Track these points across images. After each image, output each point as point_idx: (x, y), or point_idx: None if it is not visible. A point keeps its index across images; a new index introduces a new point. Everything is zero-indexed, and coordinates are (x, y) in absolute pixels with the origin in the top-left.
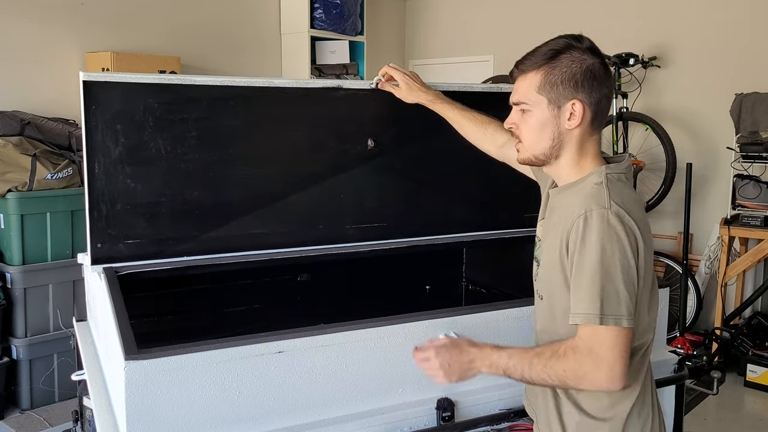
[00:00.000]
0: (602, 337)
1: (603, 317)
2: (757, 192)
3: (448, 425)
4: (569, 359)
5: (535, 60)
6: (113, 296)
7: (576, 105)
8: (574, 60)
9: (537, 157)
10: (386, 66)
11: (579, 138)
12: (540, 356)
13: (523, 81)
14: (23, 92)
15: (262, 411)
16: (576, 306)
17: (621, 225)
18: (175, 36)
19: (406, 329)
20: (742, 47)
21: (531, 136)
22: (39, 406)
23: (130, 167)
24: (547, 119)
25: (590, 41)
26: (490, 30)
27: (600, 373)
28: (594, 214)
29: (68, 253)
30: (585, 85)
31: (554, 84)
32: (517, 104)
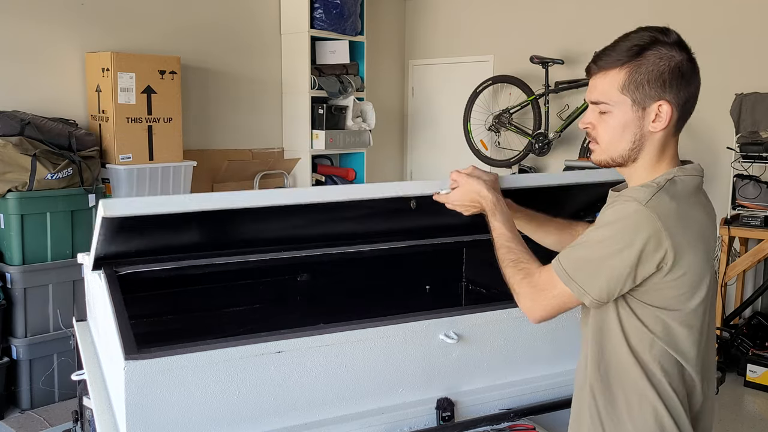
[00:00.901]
0: (553, 286)
1: (570, 281)
2: (757, 192)
3: (448, 425)
4: (519, 275)
5: (618, 56)
6: (113, 296)
7: (663, 106)
8: (661, 57)
9: (614, 159)
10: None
11: (661, 140)
12: (508, 251)
13: (604, 78)
14: (23, 92)
15: (262, 411)
16: (563, 255)
17: (647, 224)
18: (175, 36)
19: (406, 329)
20: (742, 47)
21: (610, 138)
22: (39, 406)
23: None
24: (630, 121)
25: (677, 34)
26: (490, 30)
27: (525, 302)
28: (629, 203)
29: (68, 253)
30: (673, 84)
31: (640, 84)
32: (595, 103)
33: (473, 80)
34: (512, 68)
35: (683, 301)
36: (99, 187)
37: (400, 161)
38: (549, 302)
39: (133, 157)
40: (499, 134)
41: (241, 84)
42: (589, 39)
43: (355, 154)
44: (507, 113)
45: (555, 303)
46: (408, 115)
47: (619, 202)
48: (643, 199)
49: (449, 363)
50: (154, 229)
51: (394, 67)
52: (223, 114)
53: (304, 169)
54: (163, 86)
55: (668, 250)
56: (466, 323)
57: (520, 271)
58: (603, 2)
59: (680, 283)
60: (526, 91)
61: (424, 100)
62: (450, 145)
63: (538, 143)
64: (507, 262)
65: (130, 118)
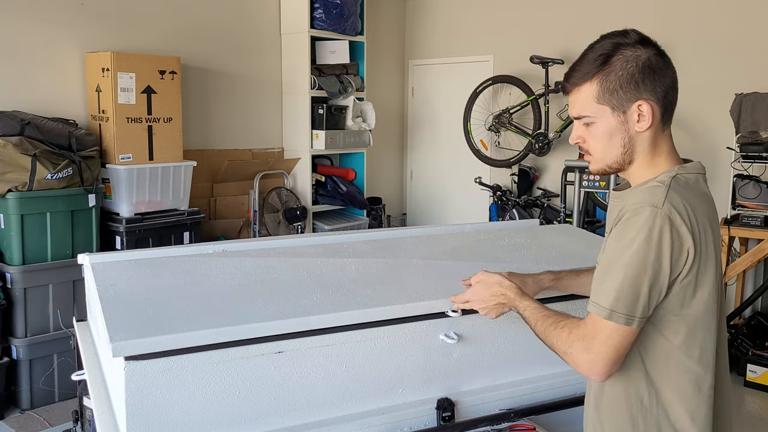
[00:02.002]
0: (600, 329)
1: (612, 314)
2: (757, 192)
3: (448, 425)
4: (564, 333)
5: (586, 69)
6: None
7: (642, 106)
8: (627, 59)
9: (610, 166)
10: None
11: (651, 138)
12: (545, 319)
13: (579, 94)
14: (23, 92)
15: (262, 411)
16: (594, 295)
17: (668, 227)
18: (175, 36)
19: (407, 329)
20: (742, 47)
21: (600, 147)
22: (39, 406)
23: None
24: (615, 127)
25: (637, 32)
26: (490, 30)
27: (582, 359)
28: (645, 210)
29: (68, 253)
30: (646, 81)
31: (613, 90)
32: (578, 118)
33: (473, 80)
34: (512, 68)
35: (700, 300)
36: (99, 187)
37: (400, 161)
38: (605, 347)
39: (133, 157)
40: (499, 134)
41: (242, 84)
42: (589, 39)
43: (355, 154)
44: (507, 113)
45: (611, 344)
46: (408, 115)
47: (634, 214)
48: (658, 203)
49: (449, 363)
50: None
51: (394, 67)
52: (223, 114)
53: (304, 169)
54: (163, 86)
55: (689, 250)
56: (466, 323)
57: (563, 329)
58: (603, 2)
59: (697, 280)
60: (526, 91)
61: (424, 100)
62: (450, 145)
63: (538, 143)
64: (547, 328)
65: (130, 118)
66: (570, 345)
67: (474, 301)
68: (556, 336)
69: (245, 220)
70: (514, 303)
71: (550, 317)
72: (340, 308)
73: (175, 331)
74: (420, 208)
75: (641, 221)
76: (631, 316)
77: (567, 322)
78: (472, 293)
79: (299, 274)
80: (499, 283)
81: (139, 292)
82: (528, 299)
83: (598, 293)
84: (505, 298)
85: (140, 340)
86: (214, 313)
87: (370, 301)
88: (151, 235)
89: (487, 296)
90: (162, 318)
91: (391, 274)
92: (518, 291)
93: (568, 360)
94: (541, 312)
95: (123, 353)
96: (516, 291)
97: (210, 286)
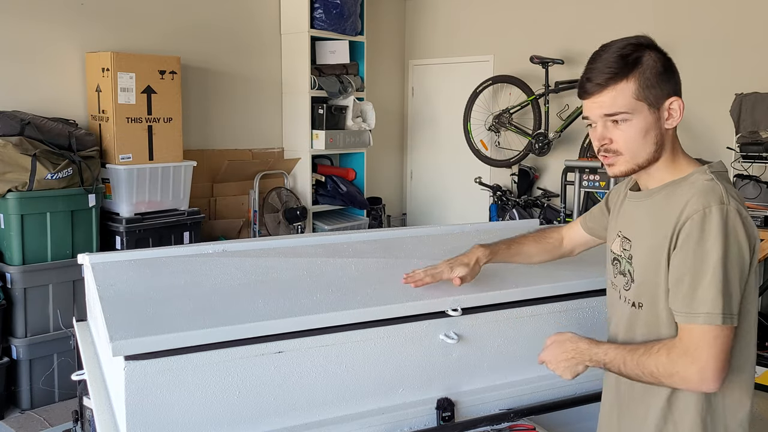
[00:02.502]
0: (702, 336)
1: (725, 316)
2: (757, 192)
3: (448, 425)
4: (662, 356)
5: (618, 67)
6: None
7: (674, 103)
8: (654, 59)
9: (640, 165)
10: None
11: (674, 136)
12: (633, 353)
13: (612, 92)
14: (23, 92)
15: (262, 411)
16: (691, 304)
17: (741, 222)
18: (175, 36)
19: (407, 329)
20: (742, 47)
21: (634, 145)
22: (39, 406)
23: None
24: (650, 123)
25: (647, 37)
26: (490, 30)
27: (691, 371)
28: (714, 210)
29: (68, 253)
30: (671, 79)
31: (651, 86)
32: (610, 115)
33: (473, 80)
34: (512, 68)
35: (752, 288)
36: (99, 187)
37: (400, 161)
38: (713, 351)
39: (133, 157)
40: (499, 134)
41: (242, 84)
42: (589, 39)
43: (355, 154)
44: (507, 113)
45: (719, 346)
46: (408, 115)
47: (705, 215)
48: (723, 199)
49: (449, 363)
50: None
51: (394, 67)
52: (223, 114)
53: (304, 169)
54: (163, 86)
55: (756, 241)
56: (466, 323)
57: (659, 353)
58: (603, 2)
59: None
60: (526, 91)
61: (424, 100)
62: (450, 145)
63: (538, 143)
64: (640, 359)
65: (130, 118)
66: (674, 364)
67: (549, 361)
68: (655, 362)
69: (245, 220)
70: (590, 353)
71: (637, 348)
72: (339, 307)
73: (175, 330)
74: (420, 208)
75: (715, 221)
76: (732, 315)
77: (659, 345)
78: (547, 354)
79: (299, 274)
80: (570, 339)
81: (139, 292)
82: (603, 344)
83: (697, 303)
84: (576, 352)
85: (140, 339)
86: (214, 312)
87: (369, 301)
88: (151, 235)
89: (560, 353)
90: (162, 317)
91: (391, 274)
92: (590, 341)
93: (676, 381)
94: (623, 349)
95: (123, 352)
96: (588, 341)
97: (210, 286)
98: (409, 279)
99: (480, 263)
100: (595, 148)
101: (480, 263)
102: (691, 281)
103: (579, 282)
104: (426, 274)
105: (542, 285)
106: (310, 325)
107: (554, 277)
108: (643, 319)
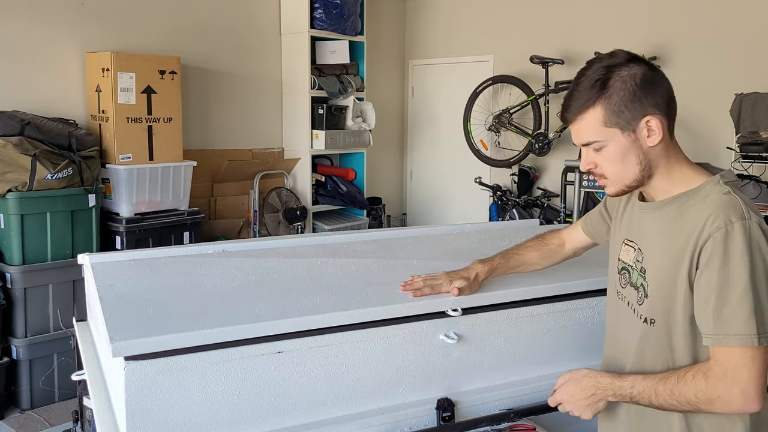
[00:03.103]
0: (740, 358)
1: (761, 337)
2: (757, 192)
3: (448, 425)
4: (700, 382)
5: (586, 96)
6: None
7: (651, 121)
8: (624, 79)
9: (630, 186)
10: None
11: (664, 149)
12: (665, 382)
13: (582, 121)
14: (23, 92)
15: (262, 411)
16: (722, 326)
17: (763, 235)
18: (175, 36)
19: (406, 329)
20: (742, 47)
21: (616, 169)
22: (39, 406)
23: None
24: (627, 147)
25: (624, 51)
26: (490, 30)
27: (733, 394)
28: (736, 226)
29: (68, 253)
30: (648, 96)
31: (619, 111)
32: (587, 144)
33: (473, 80)
34: (512, 68)
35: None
36: (99, 187)
37: (400, 161)
38: (754, 371)
39: (133, 157)
40: (499, 134)
41: (242, 84)
42: (589, 39)
43: (355, 154)
44: (507, 113)
45: (758, 366)
46: (408, 115)
47: (728, 232)
48: (744, 214)
49: (449, 363)
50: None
51: (394, 67)
52: (223, 114)
53: (304, 169)
54: (163, 86)
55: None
56: (466, 323)
57: (695, 379)
58: (603, 2)
59: None
60: (526, 91)
61: (424, 100)
62: (450, 145)
63: (538, 143)
64: (674, 388)
65: (130, 118)
66: (714, 389)
67: (566, 401)
68: (693, 389)
69: (245, 220)
70: (613, 387)
71: (668, 377)
72: (339, 308)
73: (175, 331)
74: (420, 208)
75: (739, 238)
76: (766, 333)
77: (692, 371)
78: (563, 394)
79: (299, 275)
80: (587, 375)
81: (138, 293)
82: (628, 377)
83: (726, 323)
84: (597, 388)
85: (140, 340)
86: (214, 313)
87: (369, 301)
88: (151, 235)
89: (578, 391)
90: (162, 318)
91: (390, 275)
92: (611, 375)
93: (717, 406)
94: (652, 379)
95: (123, 353)
96: (609, 375)
97: (210, 286)
98: (407, 287)
99: (479, 279)
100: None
101: (479, 279)
102: (720, 302)
103: (579, 282)
104: (425, 284)
105: (542, 285)
106: (310, 326)
107: (554, 277)
108: (654, 336)
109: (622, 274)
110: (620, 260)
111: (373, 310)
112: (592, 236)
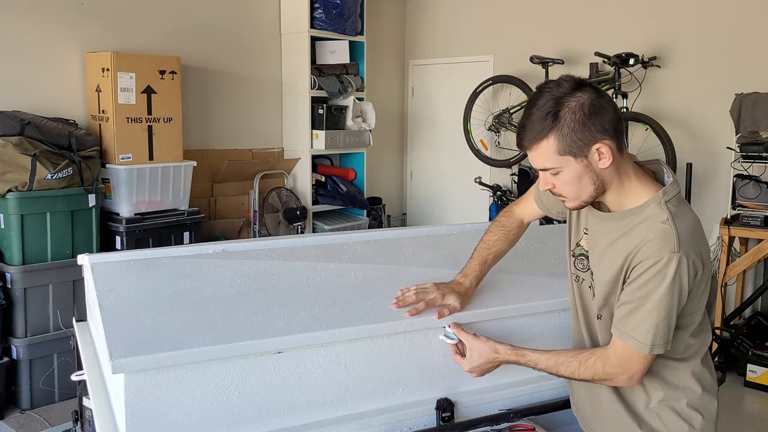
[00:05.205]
0: (635, 359)
1: (652, 347)
2: (757, 192)
3: (447, 425)
4: (598, 367)
5: (539, 128)
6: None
7: (601, 148)
8: (573, 110)
9: (586, 201)
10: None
11: (616, 168)
12: (567, 366)
13: (538, 150)
14: (23, 92)
15: (262, 411)
16: (629, 328)
17: (685, 265)
18: (175, 36)
19: (406, 329)
20: (742, 47)
21: (573, 190)
22: (39, 406)
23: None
24: (581, 171)
25: (569, 77)
26: (490, 30)
27: (623, 379)
28: (665, 260)
29: (68, 253)
30: (596, 122)
31: (571, 141)
32: (544, 170)
33: (473, 80)
34: (512, 68)
35: (695, 303)
36: (99, 187)
37: (400, 161)
38: (642, 366)
39: (133, 157)
40: (499, 134)
41: (242, 84)
42: (589, 39)
43: (355, 154)
44: (507, 113)
45: (645, 364)
46: (408, 115)
47: (656, 261)
48: (674, 247)
49: (449, 363)
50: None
51: (394, 67)
52: (223, 114)
53: (304, 169)
54: (163, 86)
55: (700, 270)
56: (465, 323)
57: (593, 366)
58: (603, 2)
59: (699, 287)
60: (526, 91)
61: (424, 100)
62: (450, 145)
63: None
64: (576, 370)
65: (130, 118)
66: (608, 373)
67: (470, 368)
68: (592, 372)
69: (245, 220)
70: (517, 362)
71: (570, 362)
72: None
73: (174, 348)
74: (420, 208)
75: (670, 273)
76: (667, 342)
77: (594, 357)
78: (469, 363)
79: (299, 282)
80: (494, 350)
81: (138, 297)
82: (527, 355)
83: (633, 329)
84: (500, 363)
85: (139, 358)
86: (214, 327)
87: (367, 317)
88: (151, 235)
89: (483, 363)
90: (161, 331)
91: (390, 283)
92: (513, 352)
93: (609, 383)
94: (552, 360)
95: (123, 370)
96: (509, 351)
97: (209, 292)
98: (400, 304)
99: (469, 294)
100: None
101: (469, 294)
102: (633, 308)
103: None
104: (418, 298)
105: (538, 302)
106: (308, 343)
107: (553, 285)
108: (604, 328)
109: (580, 259)
110: (580, 245)
111: (370, 328)
112: (545, 209)
